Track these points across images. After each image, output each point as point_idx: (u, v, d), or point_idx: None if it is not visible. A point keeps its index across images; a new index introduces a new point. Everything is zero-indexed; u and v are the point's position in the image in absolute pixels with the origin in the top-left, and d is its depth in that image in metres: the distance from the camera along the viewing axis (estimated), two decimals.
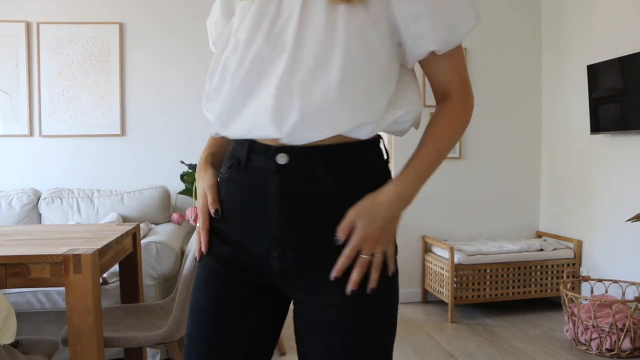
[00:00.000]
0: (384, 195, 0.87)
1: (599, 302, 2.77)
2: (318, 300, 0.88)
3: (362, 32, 0.81)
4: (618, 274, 3.17)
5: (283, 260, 0.87)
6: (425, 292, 3.79)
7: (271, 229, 0.87)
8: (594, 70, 3.21)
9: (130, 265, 2.23)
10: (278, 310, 0.96)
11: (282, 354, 2.82)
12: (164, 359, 2.60)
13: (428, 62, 0.92)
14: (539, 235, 3.94)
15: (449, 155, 3.97)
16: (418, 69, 0.95)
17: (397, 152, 3.72)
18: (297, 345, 0.94)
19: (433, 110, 0.85)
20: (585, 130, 3.38)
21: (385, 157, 0.95)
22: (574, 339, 2.89)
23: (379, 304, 0.88)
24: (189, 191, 3.28)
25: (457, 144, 3.78)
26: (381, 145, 0.94)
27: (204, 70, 1.37)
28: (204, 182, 0.95)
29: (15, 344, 1.76)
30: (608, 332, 2.72)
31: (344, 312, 0.86)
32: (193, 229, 2.97)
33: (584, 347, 2.82)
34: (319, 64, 0.80)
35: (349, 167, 0.87)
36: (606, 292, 3.13)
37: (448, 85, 0.93)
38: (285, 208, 0.86)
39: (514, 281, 3.47)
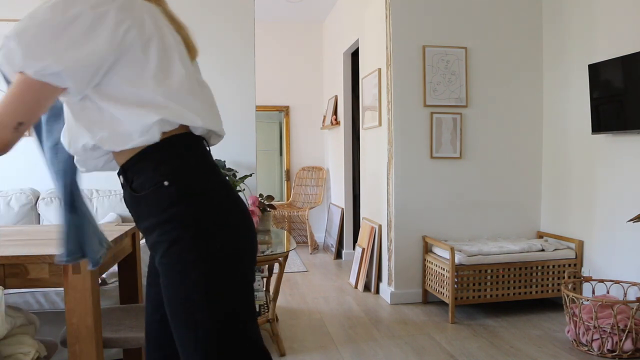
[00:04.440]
0: None
1: (600, 303, 2.76)
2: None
3: None
4: (619, 274, 3.16)
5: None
6: (425, 293, 3.78)
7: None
8: (595, 70, 3.20)
9: (129, 266, 2.23)
10: None
11: (282, 354, 2.81)
12: None
13: None
14: (540, 235, 3.93)
15: (450, 155, 3.95)
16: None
17: (398, 152, 3.71)
18: None
19: (433, 109, 0.84)
20: (587, 130, 3.38)
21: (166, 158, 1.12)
22: (575, 340, 2.88)
23: (184, 278, 1.09)
24: None
25: (458, 144, 3.77)
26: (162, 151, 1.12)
27: (204, 69, 1.36)
28: None
29: None
30: (609, 332, 2.71)
31: (163, 284, 1.13)
32: None
33: (585, 348, 2.81)
34: None
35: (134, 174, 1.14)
36: (607, 292, 3.12)
37: None
38: (129, 208, 1.20)
39: (514, 282, 3.46)
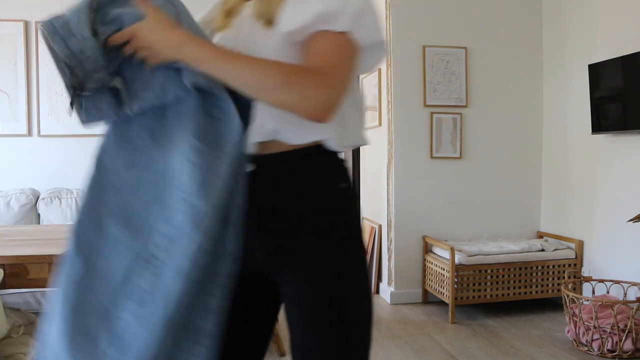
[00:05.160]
0: (176, 26, 0.91)
1: (600, 303, 2.76)
2: (295, 279, 1.00)
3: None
4: (619, 274, 3.16)
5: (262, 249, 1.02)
6: (425, 293, 3.78)
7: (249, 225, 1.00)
8: (595, 70, 3.20)
9: None
10: (263, 294, 1.09)
11: (282, 354, 2.81)
12: None
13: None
14: (540, 235, 3.93)
15: (450, 155, 3.95)
16: None
17: (398, 152, 3.71)
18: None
19: (433, 109, 0.84)
20: (587, 130, 3.37)
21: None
22: (575, 340, 2.88)
23: (343, 285, 0.99)
24: None
25: (458, 144, 3.77)
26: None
27: None
28: None
29: None
30: (609, 332, 2.71)
31: (315, 290, 0.98)
32: None
33: (585, 348, 2.81)
34: None
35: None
36: (607, 292, 3.12)
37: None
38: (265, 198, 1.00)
39: (514, 282, 3.46)
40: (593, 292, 3.17)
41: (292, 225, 0.99)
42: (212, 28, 1.08)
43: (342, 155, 1.04)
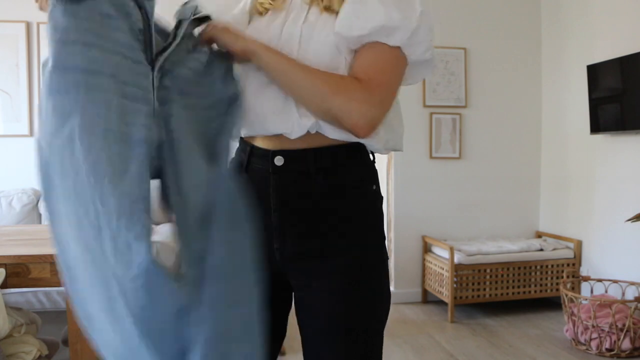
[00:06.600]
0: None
1: (598, 302, 2.78)
2: (316, 285, 0.96)
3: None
4: (618, 273, 3.17)
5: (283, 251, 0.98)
6: (425, 292, 3.79)
7: (271, 223, 0.97)
8: (593, 71, 3.21)
9: None
10: (281, 297, 1.04)
11: (282, 353, 2.82)
12: None
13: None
14: (539, 235, 3.94)
15: (449, 155, 3.95)
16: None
17: (397, 152, 3.72)
18: (299, 331, 1.00)
19: (432, 110, 0.85)
20: (585, 130, 3.38)
21: (371, 159, 1.02)
22: (573, 339, 2.89)
23: (368, 290, 0.97)
24: None
25: (457, 144, 3.78)
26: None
27: None
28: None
29: None
30: (608, 332, 2.72)
31: (338, 297, 0.95)
32: None
33: (584, 347, 2.82)
34: None
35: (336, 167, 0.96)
36: (606, 292, 3.13)
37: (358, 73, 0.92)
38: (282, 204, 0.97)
39: (513, 281, 3.47)
40: (591, 292, 3.18)
41: (323, 226, 0.95)
42: (255, 8, 1.04)
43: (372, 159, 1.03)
